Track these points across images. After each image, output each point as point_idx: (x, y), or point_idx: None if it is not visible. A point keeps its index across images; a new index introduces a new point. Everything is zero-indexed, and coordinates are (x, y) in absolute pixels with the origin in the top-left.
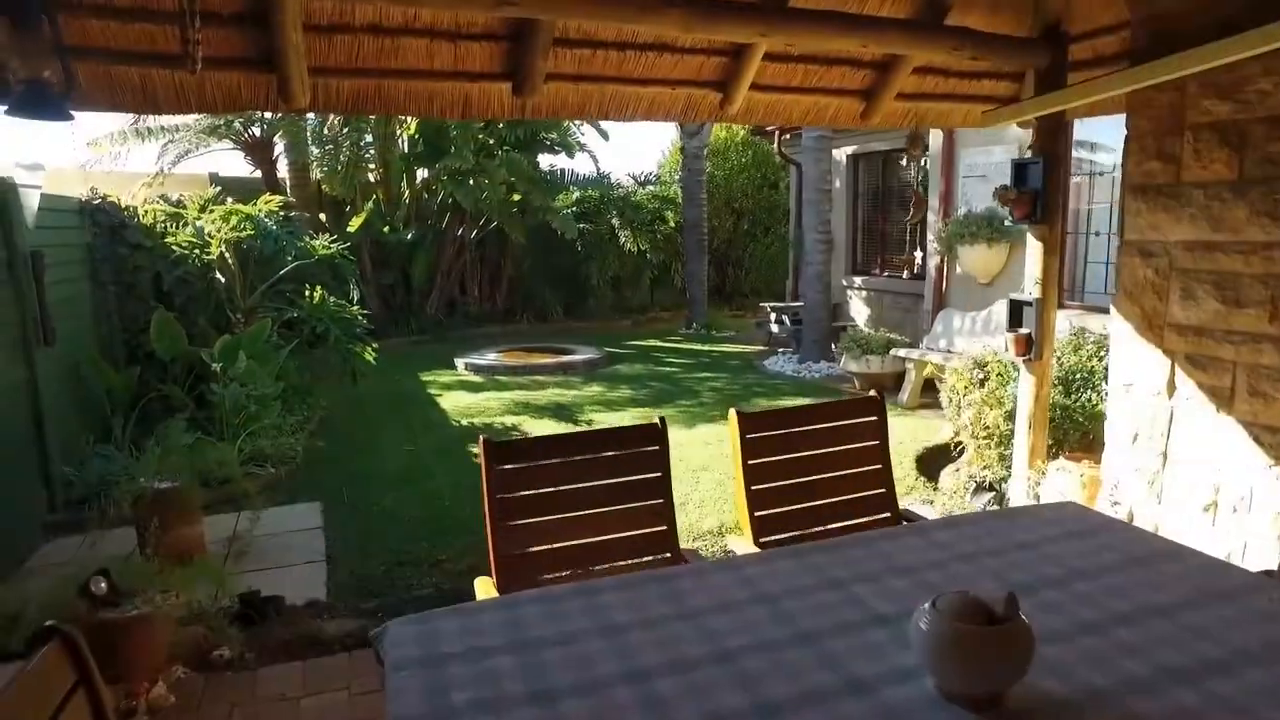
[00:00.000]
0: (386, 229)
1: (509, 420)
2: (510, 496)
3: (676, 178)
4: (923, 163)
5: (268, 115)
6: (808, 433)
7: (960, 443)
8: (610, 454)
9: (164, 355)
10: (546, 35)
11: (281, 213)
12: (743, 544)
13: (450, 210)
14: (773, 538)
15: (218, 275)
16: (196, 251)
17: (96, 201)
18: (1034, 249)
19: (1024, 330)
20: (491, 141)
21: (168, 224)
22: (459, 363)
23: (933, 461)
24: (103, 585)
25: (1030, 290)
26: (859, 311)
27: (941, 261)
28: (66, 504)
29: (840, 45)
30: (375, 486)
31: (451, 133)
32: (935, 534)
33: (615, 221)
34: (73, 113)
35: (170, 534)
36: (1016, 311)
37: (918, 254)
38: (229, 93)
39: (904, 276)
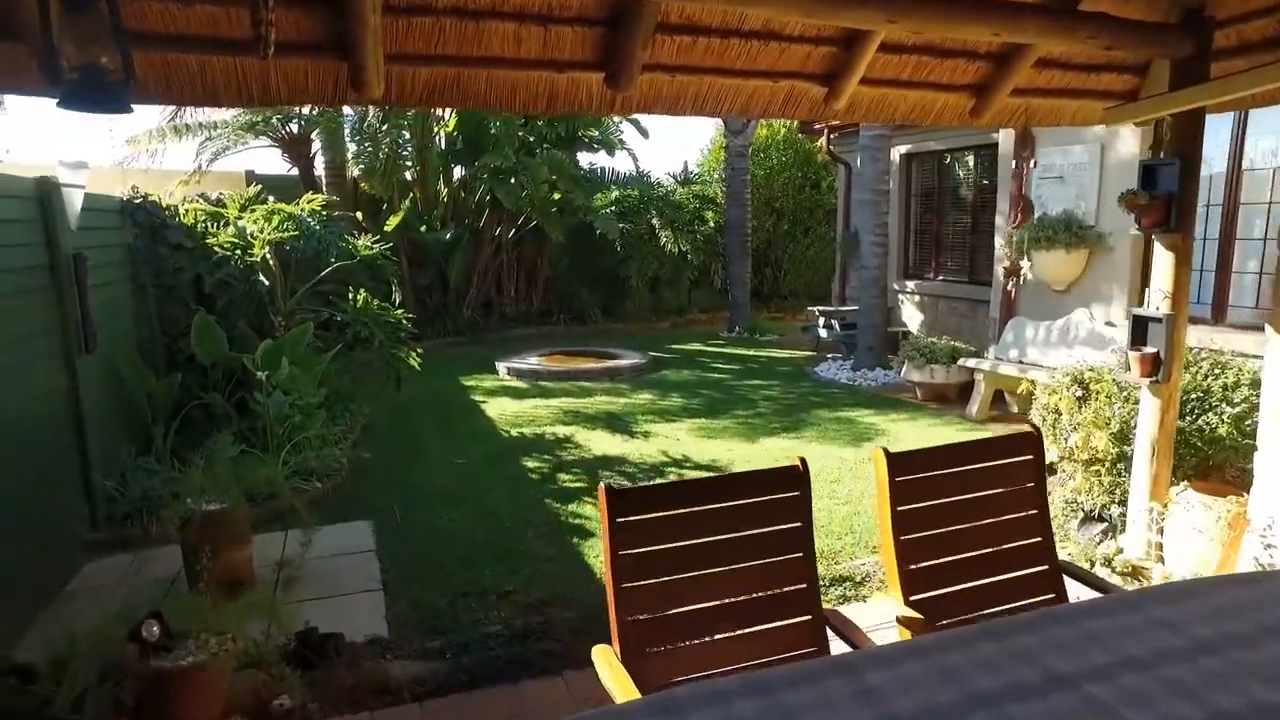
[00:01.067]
0: (424, 228)
1: (560, 430)
2: (633, 554)
3: (716, 176)
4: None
5: (305, 110)
6: (958, 475)
7: (1053, 464)
8: (744, 502)
9: (205, 360)
10: (650, 20)
11: (323, 212)
12: (890, 602)
13: (488, 209)
14: (925, 595)
15: (260, 277)
16: (238, 252)
17: (138, 200)
18: (1163, 260)
19: (1149, 349)
20: (531, 139)
21: (208, 224)
22: (500, 366)
23: None
24: (155, 630)
25: (1156, 305)
26: (911, 317)
27: (1011, 268)
28: (109, 519)
29: (970, 34)
30: (427, 503)
31: (492, 130)
32: (1152, 610)
33: (655, 221)
34: (132, 105)
35: (219, 559)
36: (1140, 328)
37: (1024, 263)
38: (295, 82)
39: (965, 281)
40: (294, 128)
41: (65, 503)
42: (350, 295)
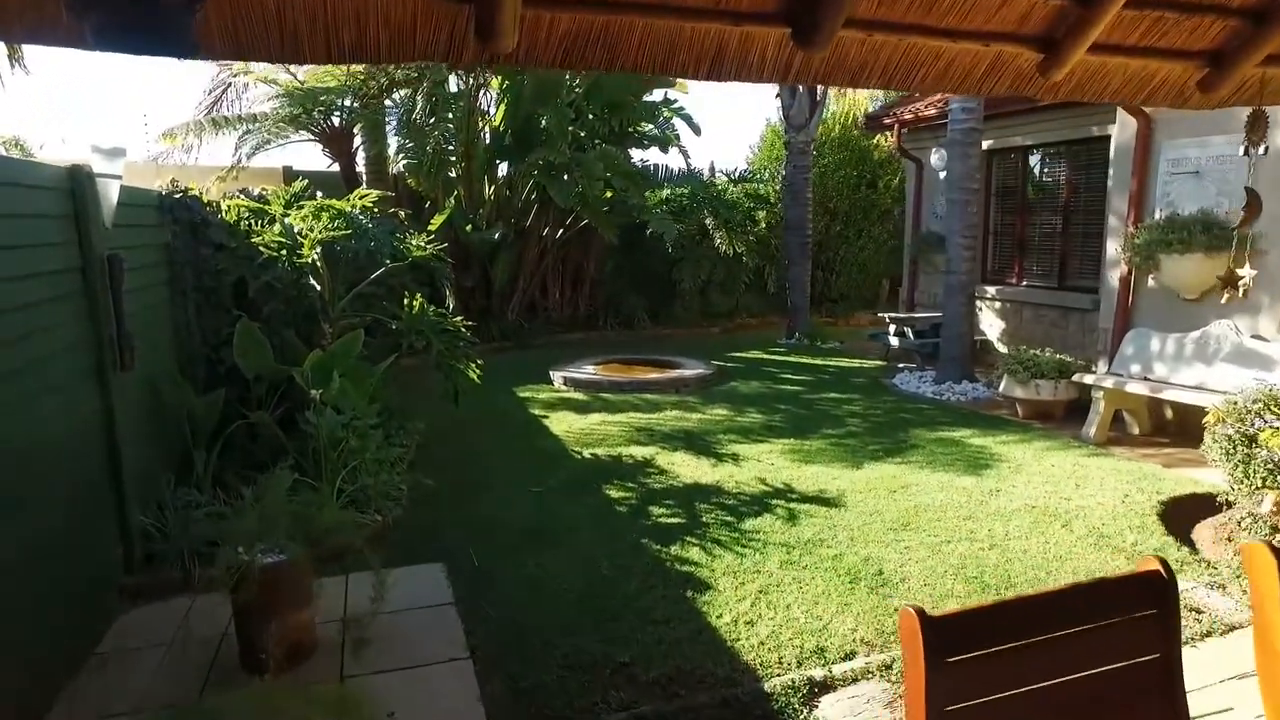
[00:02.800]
0: (469, 227)
1: (636, 452)
2: (960, 709)
3: (768, 174)
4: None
5: (347, 103)
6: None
7: (1220, 497)
8: (1084, 627)
9: (248, 373)
10: None
11: (375, 209)
12: None
13: (535, 208)
14: None
15: (310, 280)
16: (285, 253)
17: (178, 195)
18: None
19: None
20: (583, 134)
21: (251, 221)
22: (555, 376)
23: (1180, 519)
24: None
25: None
26: (991, 324)
27: (1129, 274)
28: (146, 561)
29: None
30: (506, 542)
31: (543, 123)
32: None
33: (709, 221)
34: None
35: (277, 621)
36: None
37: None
38: (399, 31)
39: (1054, 287)
40: (335, 121)
41: (98, 544)
42: (405, 300)
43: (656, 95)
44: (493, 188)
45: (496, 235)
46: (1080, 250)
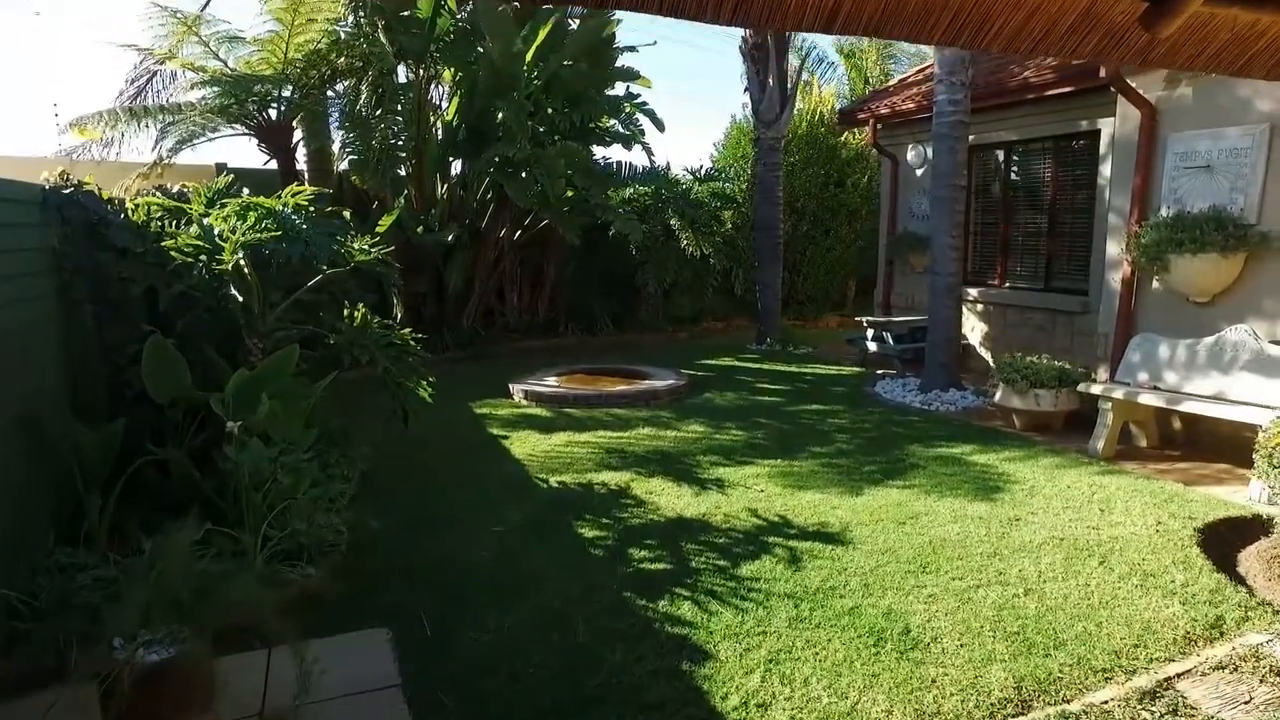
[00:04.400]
0: (420, 229)
1: (609, 478)
2: None
3: (734, 172)
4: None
5: (286, 94)
6: None
7: (1268, 520)
8: None
9: (159, 398)
10: None
11: (311, 208)
12: None
13: (491, 208)
14: None
15: (232, 289)
16: (204, 258)
17: (67, 190)
18: None
19: None
20: (542, 130)
21: (165, 222)
22: (515, 389)
23: (1222, 547)
24: None
25: None
26: (972, 328)
27: (1132, 275)
28: (10, 642)
29: None
30: (463, 598)
31: (499, 118)
32: None
33: (674, 222)
34: None
35: None
36: None
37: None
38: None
39: (1041, 288)
40: (272, 113)
41: None
42: (345, 310)
43: (619, 89)
44: (446, 186)
45: (450, 237)
46: (1068, 250)
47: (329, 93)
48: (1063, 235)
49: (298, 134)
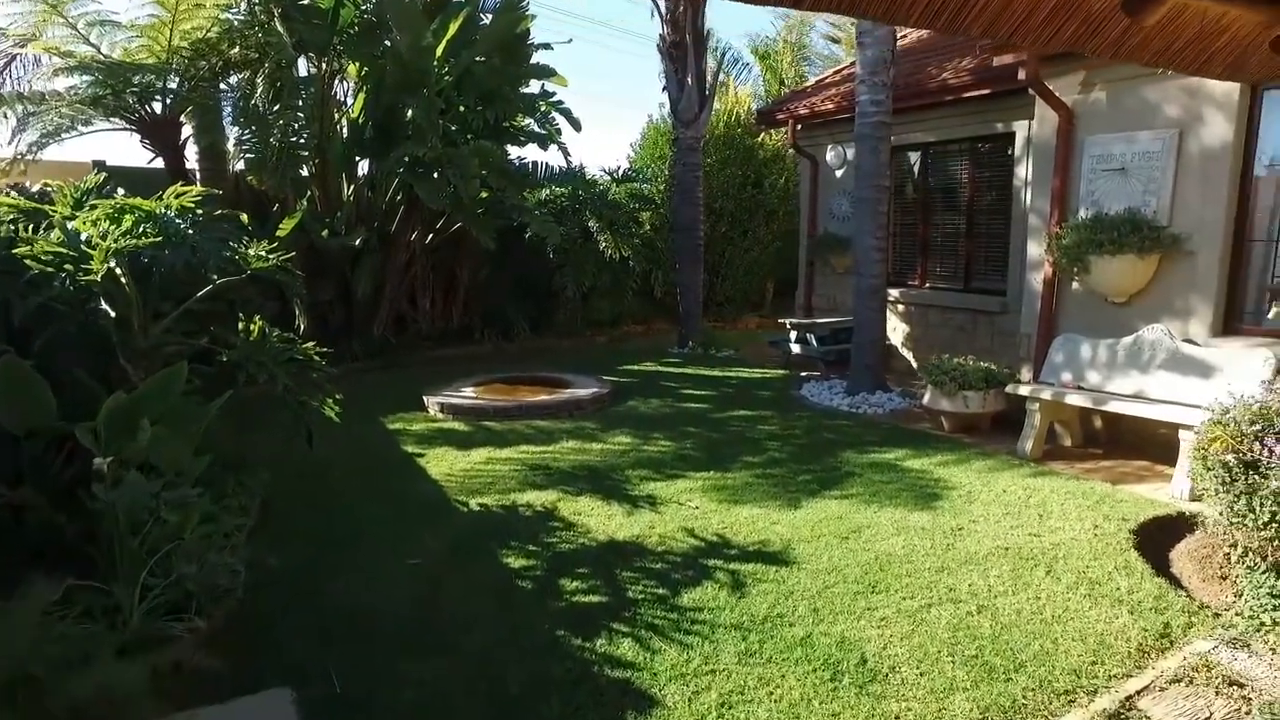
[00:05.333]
0: (325, 232)
1: (535, 498)
2: None
3: (652, 172)
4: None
5: (172, 85)
6: None
7: (1191, 517)
8: None
9: (14, 429)
10: None
11: (198, 210)
12: None
13: (401, 210)
14: None
15: (102, 304)
16: (69, 267)
17: None
18: None
19: None
20: (455, 128)
21: (20, 226)
22: (430, 402)
23: (1155, 548)
24: None
25: None
26: (895, 328)
27: (1053, 276)
28: None
29: None
30: (377, 647)
31: (408, 115)
32: None
33: (592, 223)
34: None
35: None
36: None
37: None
38: None
39: (960, 289)
40: (156, 107)
41: None
42: (241, 323)
43: (534, 87)
44: (353, 187)
45: (357, 241)
46: (986, 251)
47: (222, 86)
48: (981, 236)
49: (187, 130)
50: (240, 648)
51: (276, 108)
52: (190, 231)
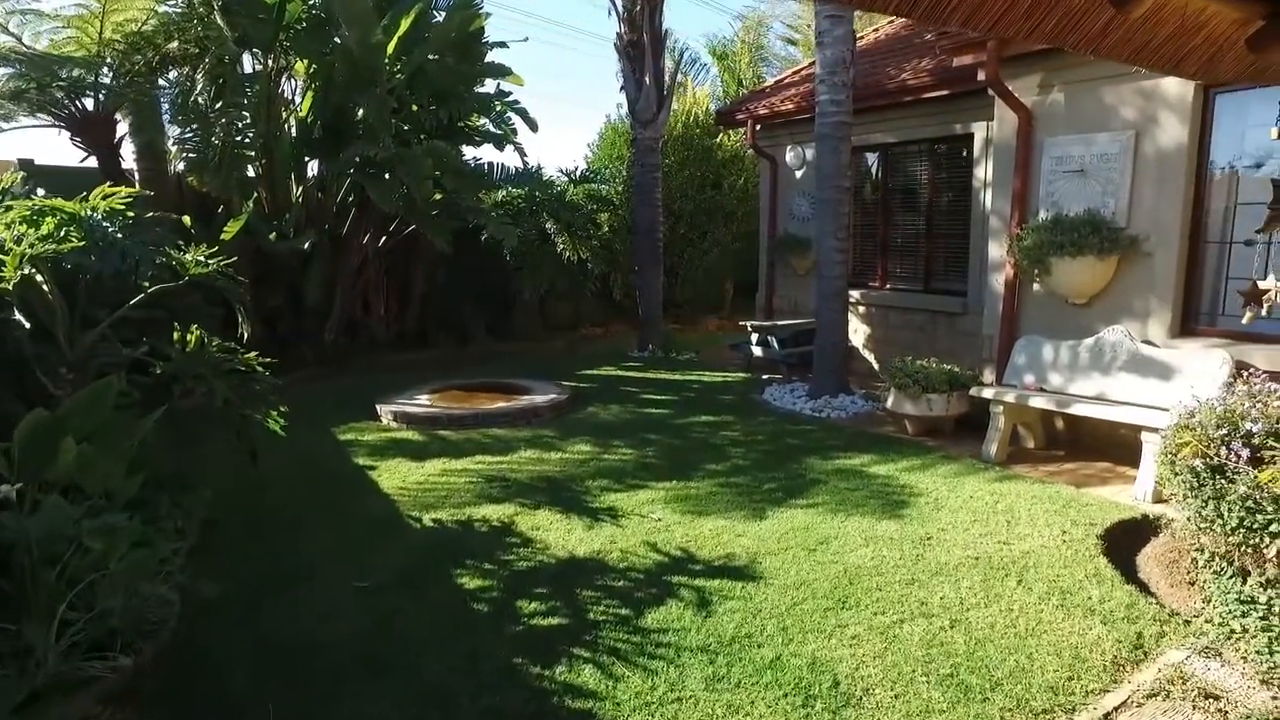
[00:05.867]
0: (272, 235)
1: (491, 513)
2: None
3: (609, 173)
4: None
5: (105, 80)
6: None
7: (1155, 520)
8: None
9: None
10: None
11: (129, 213)
12: None
13: (353, 212)
14: None
15: (17, 315)
16: None
17: None
18: None
19: None
20: (407, 128)
21: None
22: (383, 410)
23: (1122, 553)
24: None
25: None
26: (856, 330)
27: (1014, 277)
28: None
29: None
30: (323, 681)
31: (358, 114)
32: None
33: (549, 225)
34: None
35: None
36: None
37: (1272, 283)
38: None
39: (921, 290)
40: (88, 103)
41: None
42: (177, 333)
43: (490, 86)
44: (302, 189)
45: (306, 244)
46: (946, 252)
47: (161, 82)
48: (941, 237)
49: (124, 128)
50: (169, 687)
51: (218, 105)
52: (120, 235)
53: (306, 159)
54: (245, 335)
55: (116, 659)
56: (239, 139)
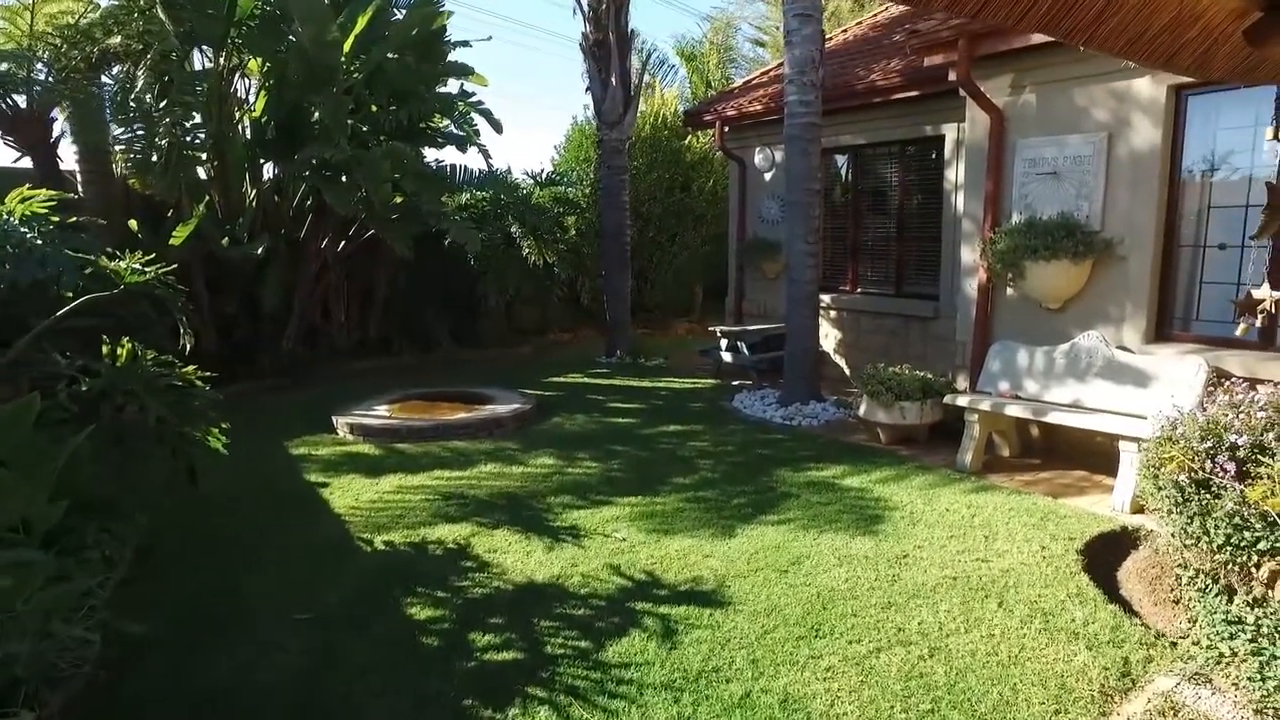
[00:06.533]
0: (226, 241)
1: (447, 533)
2: None
3: (576, 176)
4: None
5: (39, 76)
6: None
7: (1134, 531)
8: None
9: None
10: None
11: (52, 217)
12: None
13: (311, 216)
14: None
15: None
16: None
17: None
18: None
19: None
20: (365, 129)
21: None
22: (339, 422)
23: (1103, 568)
24: None
25: None
26: (827, 335)
27: (988, 281)
28: None
29: None
30: None
31: (314, 115)
32: None
33: (515, 229)
34: None
35: None
36: None
37: (1267, 293)
38: None
39: (892, 294)
40: (20, 100)
41: None
42: (106, 346)
43: (452, 86)
44: (256, 192)
45: (260, 249)
46: (917, 255)
47: (106, 80)
48: (912, 240)
49: (62, 127)
50: None
51: (163, 104)
52: (40, 242)
53: (262, 161)
54: (187, 347)
55: (17, 714)
56: (187, 139)
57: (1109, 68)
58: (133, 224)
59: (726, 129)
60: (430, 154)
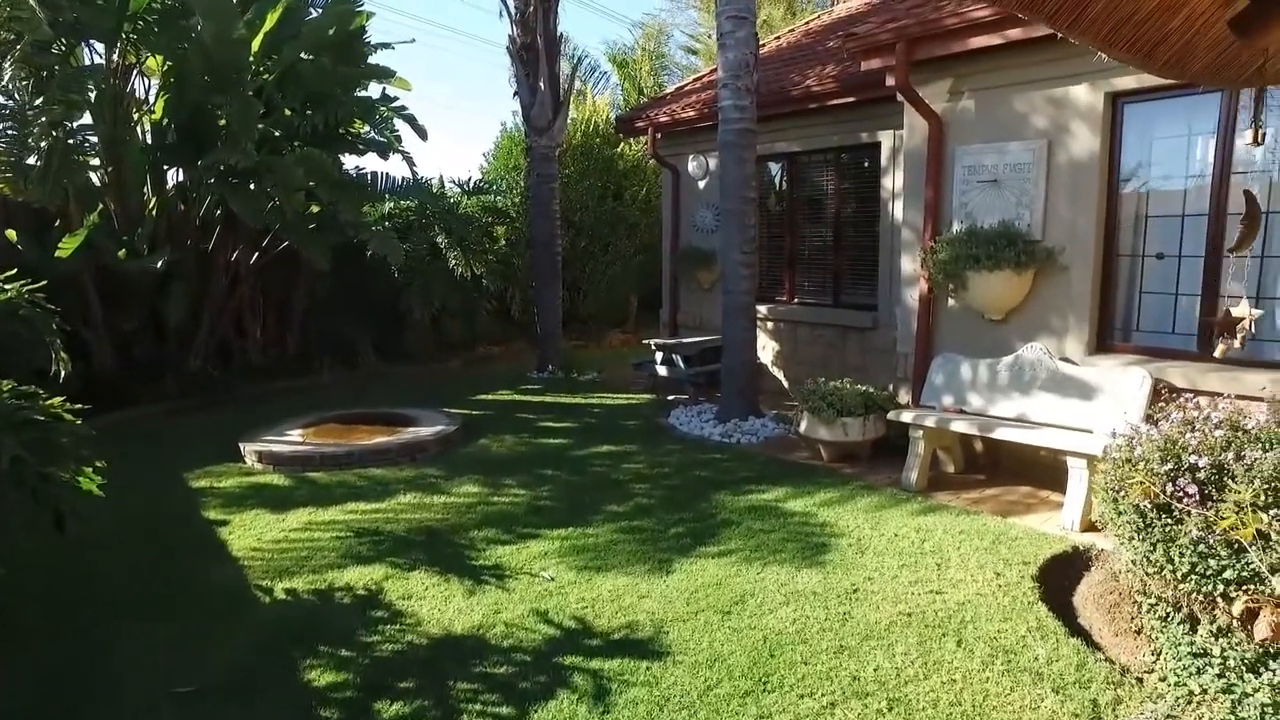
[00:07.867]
0: (123, 253)
1: (356, 578)
2: None
3: (505, 184)
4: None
5: None
6: None
7: (1086, 551)
8: None
9: None
10: None
11: None
12: None
13: (220, 226)
14: None
15: None
16: None
17: None
18: None
19: None
20: (278, 134)
21: None
22: (247, 449)
23: (1058, 593)
24: None
25: None
26: (764, 346)
27: (930, 292)
28: None
29: None
30: None
31: (220, 118)
32: None
33: (441, 240)
34: None
35: None
36: None
37: (1246, 310)
38: None
39: (830, 304)
40: None
41: None
42: None
43: (373, 90)
44: (158, 199)
45: (160, 262)
46: (855, 265)
47: None
48: (849, 249)
49: None
50: None
51: (39, 102)
52: None
53: (165, 167)
54: (62, 373)
55: None
56: (72, 142)
57: (1048, 74)
58: (11, 234)
59: (659, 136)
60: (350, 161)
